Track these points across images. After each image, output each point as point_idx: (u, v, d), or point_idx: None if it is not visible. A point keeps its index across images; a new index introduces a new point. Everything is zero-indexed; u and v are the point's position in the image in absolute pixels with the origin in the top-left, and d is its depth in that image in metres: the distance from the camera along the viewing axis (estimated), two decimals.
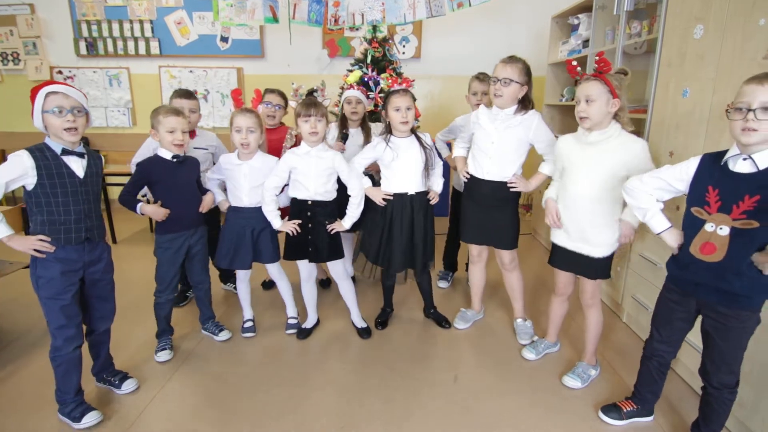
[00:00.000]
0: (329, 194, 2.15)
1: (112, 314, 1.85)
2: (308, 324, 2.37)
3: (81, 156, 1.62)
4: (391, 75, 2.30)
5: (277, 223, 2.13)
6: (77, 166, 1.61)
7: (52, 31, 4.56)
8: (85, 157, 1.64)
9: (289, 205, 2.23)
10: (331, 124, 2.49)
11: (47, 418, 1.72)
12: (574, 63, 1.79)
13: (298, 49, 4.34)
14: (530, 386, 1.94)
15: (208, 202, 2.15)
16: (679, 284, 1.49)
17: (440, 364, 2.10)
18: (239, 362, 2.12)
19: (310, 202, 2.12)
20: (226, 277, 2.86)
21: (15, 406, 1.80)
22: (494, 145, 2.08)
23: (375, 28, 3.35)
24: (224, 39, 4.52)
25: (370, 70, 3.15)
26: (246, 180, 2.11)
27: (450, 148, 2.73)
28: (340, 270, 2.27)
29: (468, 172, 2.21)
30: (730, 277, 1.32)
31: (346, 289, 2.33)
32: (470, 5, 3.28)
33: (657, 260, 2.09)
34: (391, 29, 4.01)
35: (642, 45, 2.55)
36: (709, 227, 1.33)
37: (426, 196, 2.21)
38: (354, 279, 2.65)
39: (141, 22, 4.48)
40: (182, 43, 4.54)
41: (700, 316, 1.49)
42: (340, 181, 2.18)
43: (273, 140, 2.51)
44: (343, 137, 2.51)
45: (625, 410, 1.72)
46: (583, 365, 1.98)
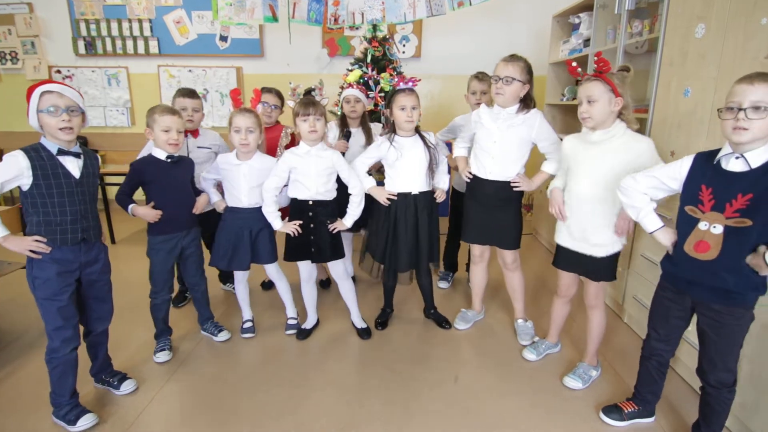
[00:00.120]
0: (330, 193, 2.14)
1: (110, 315, 1.84)
2: (308, 324, 2.36)
3: (77, 156, 1.61)
4: (391, 74, 2.29)
5: (277, 224, 2.11)
6: (73, 166, 1.59)
7: (50, 31, 4.54)
8: (81, 157, 1.63)
9: (287, 205, 2.22)
10: (330, 123, 2.48)
11: (45, 418, 1.71)
12: (574, 64, 1.78)
13: (298, 49, 4.33)
14: (531, 387, 1.94)
15: (202, 203, 2.13)
16: (673, 282, 1.51)
17: (440, 364, 2.09)
18: (239, 363, 2.11)
19: (311, 202, 2.11)
20: (226, 278, 2.85)
21: (15, 406, 1.80)
22: (497, 144, 2.07)
23: (375, 27, 3.34)
24: (223, 38, 4.51)
25: (370, 69, 3.14)
26: (245, 180, 2.10)
27: (450, 148, 2.72)
28: (340, 270, 2.26)
29: (470, 172, 2.20)
30: (723, 275, 1.33)
31: (347, 290, 2.32)
32: (471, 4, 3.26)
33: (658, 261, 2.07)
34: (391, 28, 4.00)
35: (643, 44, 2.54)
36: (702, 226, 1.34)
37: (430, 195, 2.20)
38: (354, 279, 2.64)
39: (140, 21, 4.47)
40: (181, 43, 4.52)
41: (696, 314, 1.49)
42: (339, 181, 2.17)
43: (268, 138, 2.51)
44: (346, 135, 2.50)
45: (626, 411, 1.71)
46: (584, 366, 1.98)
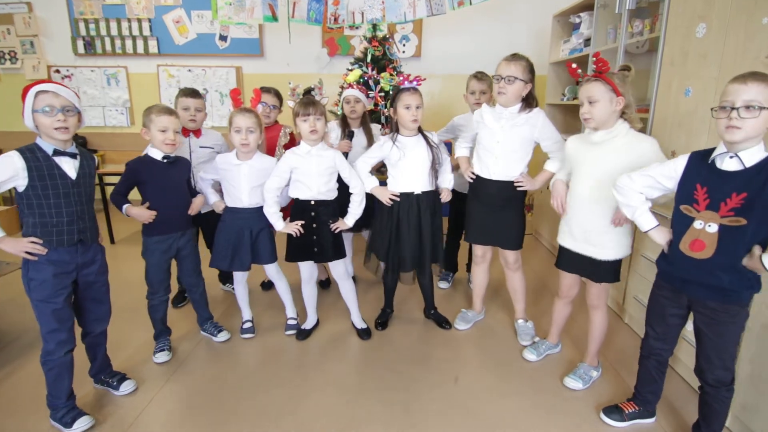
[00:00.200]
0: (331, 193, 2.14)
1: (108, 316, 1.83)
2: (308, 325, 2.35)
3: (73, 156, 1.60)
4: (391, 74, 2.28)
5: (280, 225, 2.10)
6: (69, 166, 1.58)
7: (49, 30, 4.53)
8: (78, 157, 1.61)
9: (286, 204, 2.21)
10: (330, 123, 2.47)
11: (45, 419, 1.70)
12: (574, 66, 1.78)
13: (298, 48, 4.32)
14: (531, 387, 1.93)
15: (197, 204, 2.11)
16: (669, 281, 1.52)
17: (441, 365, 2.09)
18: (238, 363, 2.10)
19: (313, 202, 2.10)
20: (225, 278, 2.84)
21: (14, 407, 1.79)
22: (500, 144, 2.06)
23: (375, 27, 3.34)
24: (223, 38, 4.50)
25: (370, 69, 3.14)
26: (246, 180, 2.09)
27: (449, 148, 2.71)
28: (341, 270, 2.25)
29: (473, 172, 2.18)
30: (718, 273, 1.34)
31: (347, 290, 2.31)
32: (471, 4, 3.26)
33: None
34: (391, 28, 3.99)
35: (644, 44, 2.53)
36: (698, 224, 1.35)
37: (432, 195, 2.19)
38: (354, 279, 2.63)
39: (139, 21, 4.46)
40: (181, 42, 4.52)
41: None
42: (339, 180, 2.16)
43: (267, 138, 2.50)
44: (349, 135, 2.50)
45: (626, 412, 1.71)
46: (584, 366, 1.97)
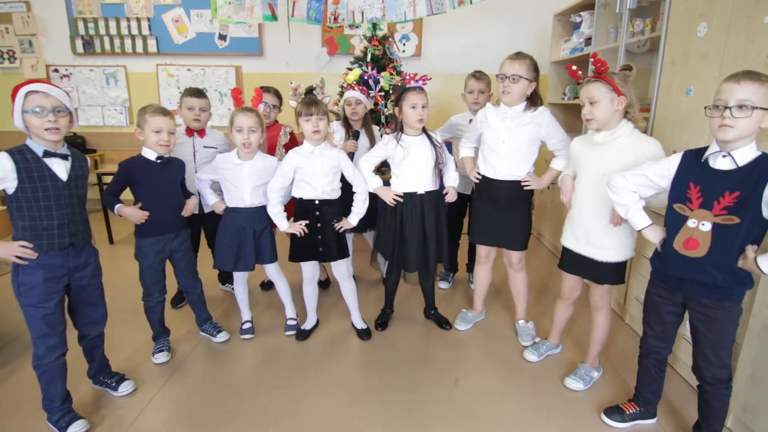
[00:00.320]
0: (335, 192, 2.13)
1: (104, 319, 1.81)
2: (307, 325, 2.35)
3: (64, 158, 1.56)
4: (391, 73, 2.27)
5: (284, 225, 2.09)
6: (60, 168, 1.55)
7: (48, 29, 4.52)
8: (69, 158, 1.58)
9: (286, 203, 2.20)
10: (333, 123, 2.47)
11: (44, 420, 1.69)
12: (575, 68, 1.77)
13: (297, 47, 4.31)
14: (532, 388, 1.93)
15: (191, 206, 2.09)
16: (663, 279, 1.52)
17: (441, 365, 2.08)
18: (238, 364, 2.10)
19: (317, 202, 2.09)
20: (225, 278, 2.83)
21: (14, 408, 1.78)
22: (505, 144, 2.04)
23: (375, 26, 3.33)
24: (222, 37, 4.49)
25: (369, 68, 3.13)
26: (248, 180, 2.08)
27: (448, 147, 2.70)
28: (344, 270, 2.25)
29: (479, 172, 2.17)
30: (712, 271, 1.35)
31: (349, 290, 2.30)
32: (471, 3, 3.25)
33: None
34: (391, 27, 3.98)
35: (645, 43, 2.53)
36: (691, 223, 1.36)
37: (436, 195, 2.18)
38: (354, 279, 2.62)
39: (138, 20, 4.45)
40: (180, 41, 4.51)
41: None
42: (341, 180, 2.16)
43: (267, 138, 2.49)
44: (355, 136, 2.50)
45: (627, 412, 1.71)
46: (585, 367, 1.96)
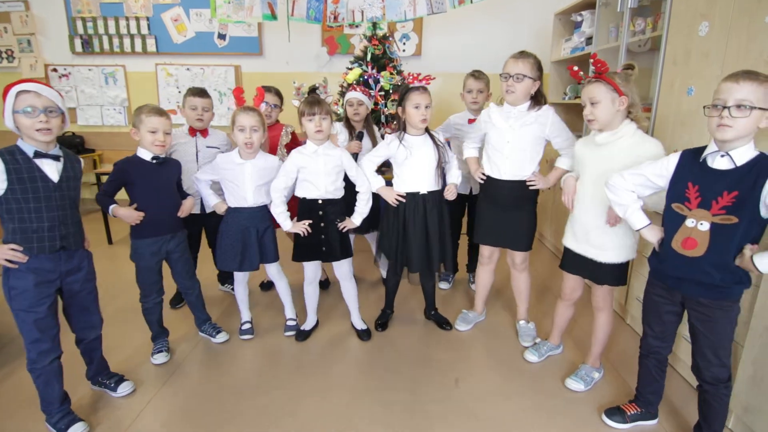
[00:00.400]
0: (338, 192, 2.13)
1: (100, 323, 1.79)
2: (307, 326, 2.34)
3: (56, 159, 1.54)
4: (391, 73, 2.26)
5: (287, 224, 2.08)
6: (51, 169, 1.52)
7: (46, 29, 4.51)
8: (61, 159, 1.56)
9: (288, 200, 2.20)
10: (335, 125, 2.46)
11: (44, 421, 1.68)
12: (576, 68, 1.76)
13: (297, 47, 4.30)
14: (532, 389, 1.92)
15: (187, 207, 2.07)
16: (661, 278, 1.52)
17: (441, 366, 2.08)
18: (237, 364, 2.09)
19: (320, 201, 2.09)
20: (224, 278, 2.83)
21: (14, 408, 1.78)
22: (510, 144, 2.03)
23: (375, 25, 3.32)
24: (222, 36, 4.48)
25: (369, 67, 3.12)
26: (250, 179, 2.07)
27: (448, 146, 2.69)
28: (346, 270, 2.24)
29: (483, 173, 2.15)
30: (710, 271, 1.35)
31: (350, 290, 2.30)
32: (471, 2, 3.24)
33: None
34: (392, 26, 3.97)
35: (646, 42, 2.52)
36: (689, 223, 1.36)
37: (439, 195, 2.17)
38: (355, 279, 2.61)
39: (137, 19, 4.43)
40: (179, 41, 4.49)
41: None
42: (345, 179, 2.16)
43: (269, 137, 2.48)
44: (359, 136, 2.50)
45: (628, 413, 1.70)
46: (586, 368, 1.96)
